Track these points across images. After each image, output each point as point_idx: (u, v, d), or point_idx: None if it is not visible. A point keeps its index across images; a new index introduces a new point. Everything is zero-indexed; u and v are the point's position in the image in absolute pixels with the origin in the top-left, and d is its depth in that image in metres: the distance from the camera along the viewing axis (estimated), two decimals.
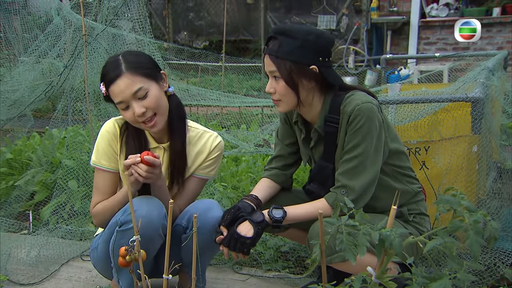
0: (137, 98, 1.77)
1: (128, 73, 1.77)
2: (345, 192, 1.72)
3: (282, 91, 1.77)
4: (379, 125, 1.72)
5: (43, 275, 2.38)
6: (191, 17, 11.00)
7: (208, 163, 2.00)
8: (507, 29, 7.77)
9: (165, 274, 1.18)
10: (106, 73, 1.81)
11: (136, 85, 1.76)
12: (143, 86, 1.77)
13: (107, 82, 1.80)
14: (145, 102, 1.77)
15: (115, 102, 1.80)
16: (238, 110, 5.72)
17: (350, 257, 0.96)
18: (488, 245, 0.93)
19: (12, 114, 3.74)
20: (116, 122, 1.94)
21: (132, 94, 1.76)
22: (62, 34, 3.76)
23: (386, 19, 8.52)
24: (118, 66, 1.78)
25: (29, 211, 3.18)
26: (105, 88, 1.81)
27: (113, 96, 1.79)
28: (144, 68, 1.80)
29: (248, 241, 1.71)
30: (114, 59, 1.82)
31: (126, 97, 1.76)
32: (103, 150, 1.91)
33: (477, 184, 2.33)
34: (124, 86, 1.76)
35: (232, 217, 1.77)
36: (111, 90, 1.79)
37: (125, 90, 1.76)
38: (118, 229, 1.79)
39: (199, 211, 1.87)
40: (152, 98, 1.78)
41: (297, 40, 1.71)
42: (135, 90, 1.76)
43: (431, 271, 1.98)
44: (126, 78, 1.76)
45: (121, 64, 1.78)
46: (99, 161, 1.92)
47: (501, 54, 3.69)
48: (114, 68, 1.78)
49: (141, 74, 1.78)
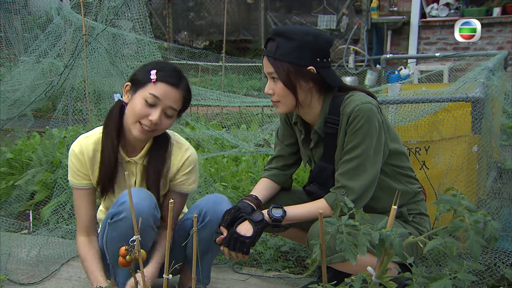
0: (164, 112, 1.79)
1: (183, 91, 1.82)
2: (345, 193, 1.72)
3: (280, 92, 1.77)
4: (378, 126, 1.72)
5: (43, 275, 2.38)
6: (191, 17, 11.00)
7: (181, 178, 1.95)
8: (507, 29, 7.77)
9: (165, 274, 1.18)
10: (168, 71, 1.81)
11: (176, 105, 1.81)
12: (177, 110, 1.83)
13: (164, 78, 1.78)
14: (164, 120, 1.80)
15: (149, 92, 1.76)
16: (238, 110, 5.73)
17: (350, 257, 0.96)
18: (488, 245, 0.93)
19: (12, 114, 3.74)
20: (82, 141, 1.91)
21: (168, 106, 1.79)
22: (62, 33, 3.76)
23: (386, 19, 8.52)
24: (181, 79, 1.83)
25: (29, 210, 3.18)
26: (157, 78, 1.77)
27: (157, 89, 1.76)
28: (187, 100, 1.87)
29: (248, 241, 1.71)
30: (178, 69, 1.86)
31: (163, 102, 1.77)
32: (72, 169, 1.91)
33: (477, 184, 2.33)
34: (172, 95, 1.78)
35: (232, 218, 1.77)
36: (161, 86, 1.77)
37: (170, 98, 1.78)
38: (109, 221, 1.79)
39: (208, 205, 1.89)
40: (169, 122, 1.84)
41: (294, 41, 1.71)
42: (172, 107, 1.80)
43: (431, 271, 1.98)
44: (179, 93, 1.81)
45: (184, 80, 1.84)
46: (72, 181, 1.93)
47: (501, 54, 3.69)
48: (178, 78, 1.82)
49: (183, 102, 1.85)
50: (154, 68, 1.79)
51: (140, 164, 1.93)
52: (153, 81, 1.77)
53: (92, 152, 1.89)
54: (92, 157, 1.90)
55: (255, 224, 1.73)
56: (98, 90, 3.50)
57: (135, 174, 1.94)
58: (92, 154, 1.89)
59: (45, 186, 3.32)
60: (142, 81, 1.79)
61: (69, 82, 3.45)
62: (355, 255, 0.96)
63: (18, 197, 3.17)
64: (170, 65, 1.87)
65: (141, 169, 1.94)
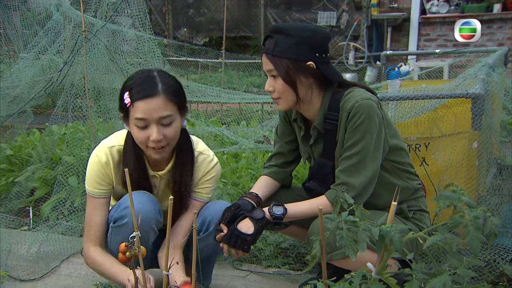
0: (160, 124, 1.67)
1: (164, 96, 1.66)
2: (346, 190, 1.72)
3: (280, 89, 1.76)
4: (378, 122, 1.72)
5: (44, 271, 2.38)
6: (191, 13, 10.98)
7: (203, 186, 1.92)
8: (508, 25, 7.75)
9: (165, 270, 1.19)
10: (138, 86, 1.67)
11: (167, 111, 1.67)
12: (172, 114, 1.68)
13: (137, 96, 1.65)
14: (166, 130, 1.69)
15: (135, 117, 1.66)
16: (238, 106, 5.72)
17: (350, 253, 0.96)
18: (488, 241, 0.93)
19: (12, 111, 3.74)
20: (109, 150, 1.82)
21: (159, 118, 1.66)
22: (62, 30, 3.75)
23: (387, 15, 8.51)
24: (155, 85, 1.67)
25: (29, 207, 3.18)
26: (131, 100, 1.66)
27: (136, 111, 1.65)
28: (179, 97, 1.72)
29: (249, 238, 1.71)
30: (149, 75, 1.70)
31: (151, 118, 1.65)
32: (94, 178, 1.82)
33: (477, 180, 2.33)
34: (155, 107, 1.64)
35: (232, 215, 1.77)
36: (138, 105, 1.65)
37: (154, 111, 1.64)
38: (112, 225, 1.79)
39: (212, 214, 1.88)
40: (173, 129, 1.71)
41: (292, 37, 1.71)
42: (164, 116, 1.66)
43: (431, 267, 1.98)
44: (161, 100, 1.65)
45: (158, 83, 1.67)
46: (91, 190, 1.84)
47: (501, 51, 3.69)
48: (151, 85, 1.66)
49: (174, 102, 1.69)
50: (126, 90, 1.69)
51: (165, 180, 1.90)
52: (128, 105, 1.67)
53: (118, 163, 1.83)
54: (117, 167, 1.83)
55: (256, 222, 1.72)
56: (98, 86, 3.50)
57: (157, 187, 1.91)
58: (118, 164, 1.83)
59: (45, 182, 3.32)
60: (124, 108, 1.70)
61: (68, 78, 3.45)
62: (355, 251, 0.96)
63: (18, 193, 3.17)
64: (139, 75, 1.72)
65: (165, 182, 1.91)
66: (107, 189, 1.86)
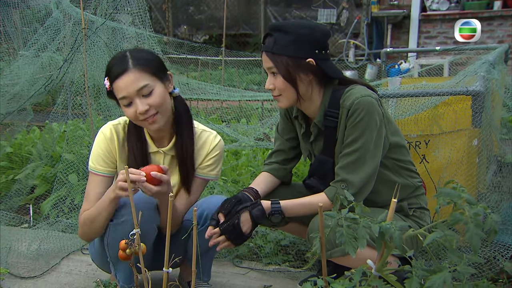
0: (141, 95, 1.74)
1: (135, 69, 1.74)
2: (345, 187, 1.72)
3: (281, 87, 1.77)
4: (379, 119, 1.72)
5: (44, 269, 2.38)
6: (191, 11, 10.97)
7: (208, 162, 1.96)
8: (508, 22, 7.75)
9: (165, 267, 1.19)
10: (111, 67, 1.77)
11: (142, 82, 1.74)
12: (149, 83, 1.75)
13: (112, 77, 1.76)
14: (149, 100, 1.75)
15: (118, 98, 1.77)
16: (238, 104, 5.72)
17: (350, 250, 0.96)
18: (488, 238, 0.93)
19: (11, 108, 3.74)
20: (114, 127, 1.91)
21: (137, 90, 1.73)
22: (62, 27, 3.75)
23: (387, 12, 8.50)
24: (125, 62, 1.75)
25: (30, 205, 3.18)
26: (109, 82, 1.77)
27: (117, 91, 1.76)
28: (151, 66, 1.78)
29: (245, 237, 1.75)
30: (122, 55, 1.79)
31: (130, 93, 1.73)
32: (99, 155, 1.88)
33: (477, 177, 2.33)
34: (129, 82, 1.73)
35: (231, 207, 1.77)
36: (116, 85, 1.75)
37: (130, 85, 1.73)
38: (111, 222, 1.79)
39: (210, 208, 1.88)
40: (156, 97, 1.76)
41: (291, 35, 1.72)
42: (140, 87, 1.73)
43: (431, 264, 1.98)
44: (133, 74, 1.73)
45: (129, 60, 1.76)
46: (96, 167, 1.88)
47: (501, 48, 3.68)
48: (121, 63, 1.75)
49: (148, 72, 1.76)
50: (105, 77, 1.80)
51: (169, 156, 1.94)
52: (108, 89, 1.79)
53: (123, 140, 1.90)
54: (122, 144, 1.90)
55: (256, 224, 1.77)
56: (98, 84, 3.49)
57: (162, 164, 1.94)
58: (122, 141, 1.90)
59: (45, 180, 3.32)
60: (110, 94, 1.82)
61: (68, 76, 3.45)
62: (355, 248, 0.96)
63: (18, 191, 3.18)
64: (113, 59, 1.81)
65: (169, 159, 1.95)
66: (111, 169, 1.90)
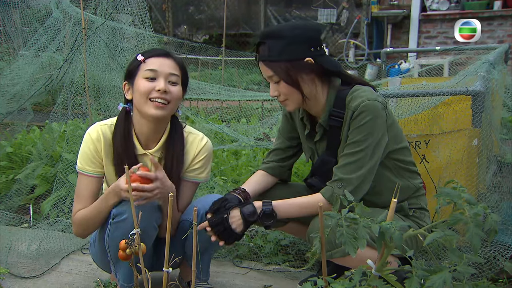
0: (168, 80, 1.81)
1: (174, 61, 1.86)
2: (342, 186, 1.72)
3: (285, 91, 1.77)
4: (382, 124, 1.71)
5: (44, 268, 2.38)
6: (191, 10, 10.97)
7: (196, 166, 1.96)
8: (508, 22, 7.75)
9: (165, 267, 1.18)
10: (152, 49, 1.88)
11: (176, 71, 1.84)
12: (179, 77, 1.85)
13: (151, 54, 1.84)
14: (172, 88, 1.82)
15: (146, 69, 1.80)
16: (238, 104, 5.72)
17: (350, 250, 0.96)
18: (488, 238, 0.93)
19: (12, 108, 3.74)
20: (101, 127, 1.90)
21: (169, 73, 1.82)
22: (62, 27, 3.75)
23: (387, 12, 8.50)
24: (168, 53, 1.87)
25: (30, 204, 3.18)
26: (144, 57, 1.83)
27: (150, 64, 1.80)
28: (184, 71, 1.89)
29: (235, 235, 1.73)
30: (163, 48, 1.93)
31: (162, 71, 1.80)
32: (87, 155, 1.88)
33: (477, 177, 2.33)
34: (167, 64, 1.82)
35: (218, 207, 1.78)
36: (152, 60, 1.82)
37: (166, 66, 1.82)
38: (111, 221, 1.79)
39: (206, 207, 1.88)
40: (177, 91, 1.84)
41: (284, 38, 1.71)
42: (173, 73, 1.83)
43: (431, 264, 1.98)
44: (171, 62, 1.84)
45: (172, 55, 1.88)
46: (84, 167, 1.88)
47: (502, 48, 3.68)
48: (165, 53, 1.87)
49: (181, 70, 1.87)
50: (139, 54, 1.86)
51: (156, 158, 1.92)
52: (142, 61, 1.82)
53: (110, 141, 1.89)
54: (109, 145, 1.89)
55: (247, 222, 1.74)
56: (98, 84, 3.50)
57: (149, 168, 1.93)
58: (109, 142, 1.89)
59: (45, 180, 3.32)
60: (134, 68, 1.84)
61: (68, 76, 3.45)
62: (355, 248, 0.96)
63: (18, 191, 3.17)
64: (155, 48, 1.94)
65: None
66: (99, 169, 1.90)
